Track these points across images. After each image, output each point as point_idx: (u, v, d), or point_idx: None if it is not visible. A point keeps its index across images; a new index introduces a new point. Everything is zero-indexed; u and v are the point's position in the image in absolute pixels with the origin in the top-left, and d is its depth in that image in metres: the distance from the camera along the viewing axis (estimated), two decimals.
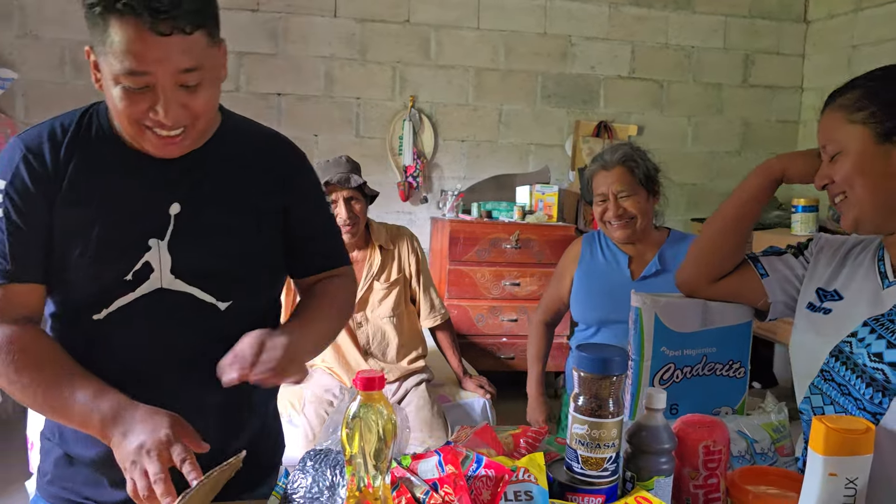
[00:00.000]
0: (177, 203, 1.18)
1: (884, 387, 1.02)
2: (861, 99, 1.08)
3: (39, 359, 1.11)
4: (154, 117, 1.07)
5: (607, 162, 2.13)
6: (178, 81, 1.06)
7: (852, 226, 1.12)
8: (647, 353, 1.24)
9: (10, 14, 3.80)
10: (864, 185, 1.08)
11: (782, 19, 4.84)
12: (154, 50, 1.01)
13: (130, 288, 1.15)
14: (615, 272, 2.17)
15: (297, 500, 1.00)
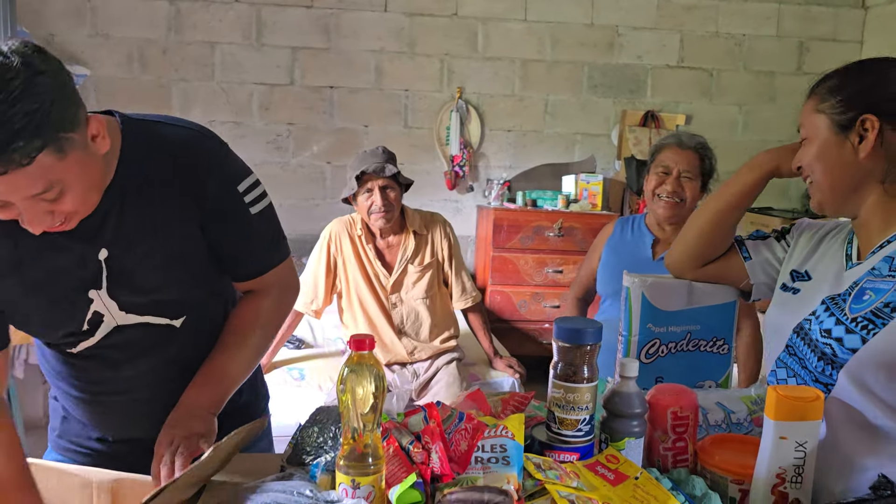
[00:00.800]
0: (104, 248, 1.18)
1: (832, 360, 1.09)
2: (830, 89, 1.15)
3: None
4: (23, 226, 1.06)
5: (683, 142, 2.21)
6: (35, 201, 1.02)
7: (817, 207, 1.20)
8: (634, 329, 1.33)
9: (83, 15, 4.08)
10: (822, 170, 1.15)
11: (839, 5, 4.75)
12: None
13: (90, 334, 1.23)
14: (639, 250, 2.26)
15: (306, 448, 1.14)
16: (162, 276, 1.23)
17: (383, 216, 2.54)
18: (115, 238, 1.18)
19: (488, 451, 1.05)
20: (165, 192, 1.20)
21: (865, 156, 1.12)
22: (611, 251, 2.34)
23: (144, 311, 1.24)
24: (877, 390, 1.06)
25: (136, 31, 4.12)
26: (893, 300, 1.05)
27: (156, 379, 1.31)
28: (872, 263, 1.13)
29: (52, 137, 0.98)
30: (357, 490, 0.97)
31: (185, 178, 1.21)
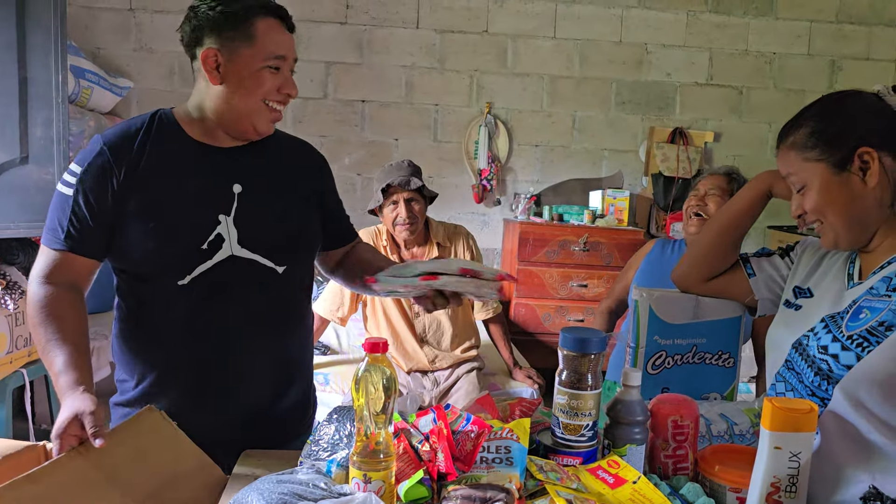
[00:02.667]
0: (238, 184, 1.44)
1: (828, 376, 1.13)
2: (810, 137, 1.18)
3: (56, 319, 1.33)
4: (284, 90, 1.40)
5: (716, 170, 2.34)
6: (293, 67, 1.44)
7: (833, 245, 1.21)
8: (641, 341, 1.38)
9: (128, 30, 4.25)
10: (834, 213, 1.17)
11: (873, 24, 4.73)
12: (287, 41, 1.41)
13: (208, 256, 1.40)
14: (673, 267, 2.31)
15: (321, 445, 1.21)
16: (278, 219, 1.47)
17: (408, 228, 2.61)
18: (248, 179, 1.44)
19: (493, 451, 1.11)
20: (291, 162, 1.54)
21: (875, 184, 1.15)
22: (648, 267, 2.41)
23: (256, 249, 1.44)
24: (870, 406, 1.09)
25: (177, 45, 4.18)
26: (888, 319, 1.09)
27: (248, 322, 1.45)
28: (871, 283, 1.16)
29: None
30: (368, 484, 1.03)
31: (307, 159, 1.59)
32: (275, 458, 1.31)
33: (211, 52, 1.37)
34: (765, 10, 4.62)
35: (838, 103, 1.20)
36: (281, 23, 1.40)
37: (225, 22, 1.36)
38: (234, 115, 1.41)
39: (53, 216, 1.38)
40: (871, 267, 1.19)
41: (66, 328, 1.33)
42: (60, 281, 1.37)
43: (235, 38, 1.36)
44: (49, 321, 1.33)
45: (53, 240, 1.37)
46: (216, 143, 1.45)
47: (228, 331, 1.44)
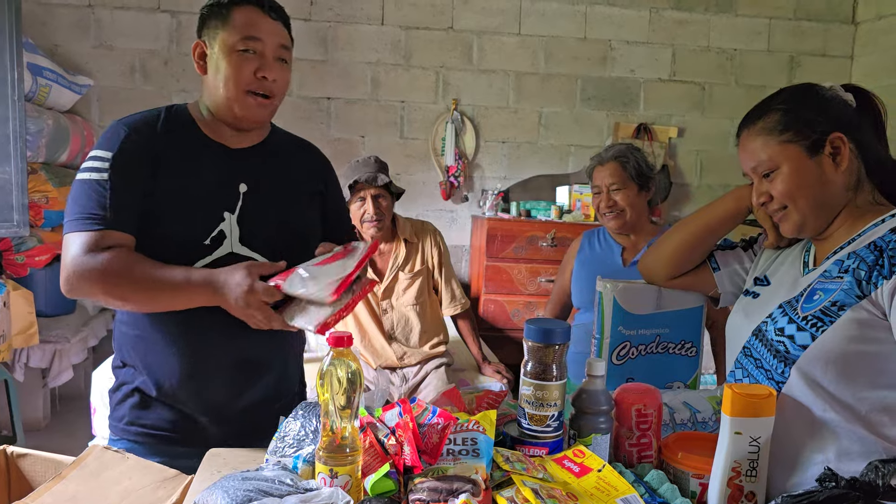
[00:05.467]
0: (244, 183, 1.48)
1: (785, 357, 1.15)
2: (783, 120, 1.20)
3: (140, 260, 1.36)
4: (260, 74, 1.42)
5: (602, 158, 2.36)
6: (277, 54, 1.45)
7: (794, 231, 1.23)
8: (606, 332, 1.39)
9: (87, 27, 4.17)
10: (805, 196, 1.19)
11: (829, 21, 4.84)
12: (266, 25, 1.43)
13: (209, 251, 1.43)
14: (609, 260, 2.36)
15: (287, 441, 1.20)
16: (280, 218, 1.51)
17: (375, 224, 2.61)
18: (254, 179, 1.49)
19: (460, 443, 1.11)
20: (295, 163, 1.59)
21: (844, 168, 1.18)
22: (582, 264, 2.44)
23: (256, 247, 1.47)
24: (825, 384, 1.12)
25: (138, 42, 4.21)
26: (840, 299, 1.12)
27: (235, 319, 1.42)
28: (825, 267, 1.19)
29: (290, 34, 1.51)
30: (335, 479, 1.03)
31: (311, 159, 1.65)
32: (241, 456, 1.30)
33: (198, 43, 1.46)
34: (725, 7, 4.70)
35: (808, 91, 1.23)
36: (260, 9, 1.43)
37: (210, 14, 1.45)
38: (220, 103, 1.46)
39: (86, 203, 1.38)
40: (825, 253, 1.22)
41: (155, 264, 1.36)
42: (108, 247, 1.37)
43: (216, 26, 1.43)
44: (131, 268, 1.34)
45: (91, 223, 1.37)
46: (226, 143, 1.50)
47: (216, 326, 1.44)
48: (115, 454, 1.23)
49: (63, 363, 3.51)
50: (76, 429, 3.36)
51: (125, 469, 1.20)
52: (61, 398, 3.82)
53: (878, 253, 1.11)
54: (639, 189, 2.31)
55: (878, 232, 1.15)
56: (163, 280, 1.34)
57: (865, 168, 1.21)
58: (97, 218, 1.36)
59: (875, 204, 1.21)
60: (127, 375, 1.51)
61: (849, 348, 1.10)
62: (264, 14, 1.44)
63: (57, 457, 1.39)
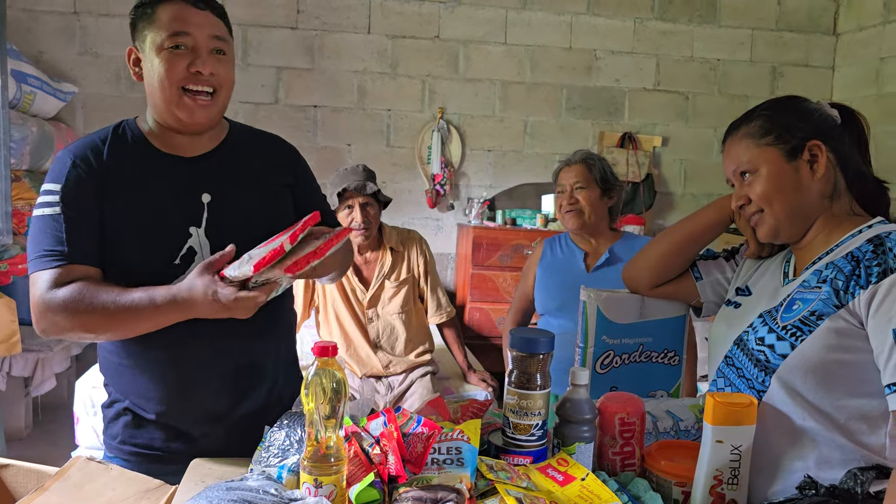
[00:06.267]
0: (207, 193, 1.41)
1: (766, 367, 1.17)
2: (765, 125, 1.23)
3: (103, 289, 1.30)
4: (193, 69, 1.34)
5: (570, 159, 2.43)
6: (211, 46, 1.36)
7: (770, 236, 1.25)
8: (590, 341, 1.40)
9: (72, 34, 4.15)
10: (781, 200, 1.22)
11: (811, 32, 4.90)
12: (194, 17, 1.35)
13: (181, 270, 1.36)
14: (572, 265, 2.39)
15: (272, 451, 1.20)
16: (251, 222, 1.43)
17: (363, 233, 2.61)
18: (216, 186, 1.42)
19: (444, 453, 1.12)
20: (259, 159, 1.51)
21: (821, 176, 1.20)
22: (545, 271, 2.46)
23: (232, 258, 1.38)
24: (805, 393, 1.14)
25: (123, 49, 4.14)
26: (819, 308, 1.14)
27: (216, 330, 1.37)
28: (804, 277, 1.21)
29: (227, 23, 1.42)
30: (320, 489, 1.03)
31: (276, 152, 1.56)
32: (225, 466, 1.30)
33: (131, 50, 1.41)
34: (709, 17, 4.75)
35: (792, 101, 1.27)
36: (185, 3, 1.36)
37: (137, 16, 1.39)
38: (162, 109, 1.39)
39: (43, 240, 1.33)
40: (804, 263, 1.24)
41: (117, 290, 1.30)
42: (71, 281, 1.32)
43: (144, 27, 1.37)
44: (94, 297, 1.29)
45: (51, 259, 1.32)
46: (181, 153, 1.43)
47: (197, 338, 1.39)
48: (99, 465, 1.22)
49: (46, 372, 3.48)
50: (59, 438, 3.32)
51: (108, 480, 1.20)
52: (44, 407, 3.79)
53: (854, 263, 1.13)
54: (601, 193, 2.35)
55: (854, 242, 1.17)
56: (127, 306, 1.27)
57: (845, 180, 1.23)
58: (56, 254, 1.32)
59: (853, 215, 1.23)
60: (117, 395, 1.48)
61: (827, 357, 1.12)
62: (190, 6, 1.35)
63: (39, 467, 1.38)
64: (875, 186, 1.26)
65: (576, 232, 2.42)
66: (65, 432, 3.11)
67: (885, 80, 4.53)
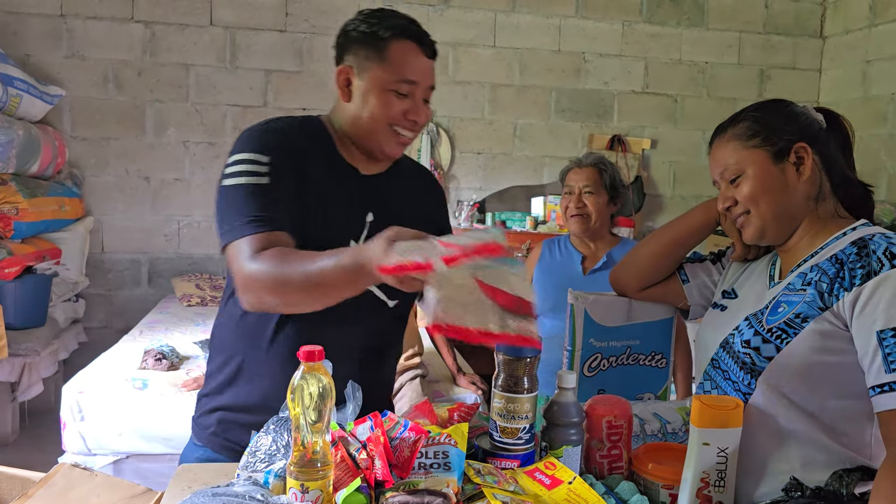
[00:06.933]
0: (371, 212, 1.42)
1: (752, 369, 1.17)
2: (752, 127, 1.24)
3: (295, 255, 1.22)
4: (411, 117, 1.36)
5: (581, 161, 2.40)
6: (425, 96, 1.39)
7: (756, 237, 1.26)
8: (578, 344, 1.41)
9: (59, 37, 4.13)
10: (767, 201, 1.22)
11: (798, 35, 4.94)
12: (423, 66, 1.36)
13: None
14: (569, 268, 2.40)
15: (259, 456, 1.19)
16: None
17: None
18: (379, 208, 1.43)
19: (431, 457, 1.11)
20: (418, 194, 1.54)
21: (807, 178, 1.21)
22: (542, 272, 2.46)
23: None
24: (790, 395, 1.14)
25: (111, 52, 4.17)
26: (804, 311, 1.14)
27: (351, 356, 1.36)
28: (789, 280, 1.22)
29: None
30: (306, 494, 1.02)
31: (430, 191, 1.61)
32: (212, 472, 1.29)
33: (345, 69, 1.38)
34: (696, 20, 4.78)
35: (778, 104, 1.28)
36: (419, 47, 1.36)
37: (363, 41, 1.36)
38: (361, 134, 1.39)
39: (245, 208, 1.27)
40: (789, 266, 1.25)
41: (310, 253, 1.22)
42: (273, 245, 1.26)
43: (370, 57, 1.35)
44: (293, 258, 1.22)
45: (256, 226, 1.25)
46: (359, 167, 1.44)
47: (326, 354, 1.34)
48: (83, 472, 1.21)
49: (33, 377, 3.46)
50: (46, 443, 3.30)
51: (93, 487, 1.19)
52: (31, 412, 3.76)
53: (839, 266, 1.14)
54: (609, 199, 2.35)
55: (839, 245, 1.18)
56: (318, 270, 1.18)
57: (830, 183, 1.24)
58: (262, 220, 1.26)
59: (837, 217, 1.24)
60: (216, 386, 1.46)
61: (812, 359, 1.13)
62: (422, 52, 1.36)
63: (24, 473, 1.37)
64: (860, 190, 1.27)
65: (578, 235, 2.42)
66: (52, 437, 3.08)
67: (871, 82, 4.57)
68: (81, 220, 4.16)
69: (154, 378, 2.74)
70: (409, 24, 1.37)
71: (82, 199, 4.19)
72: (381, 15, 1.38)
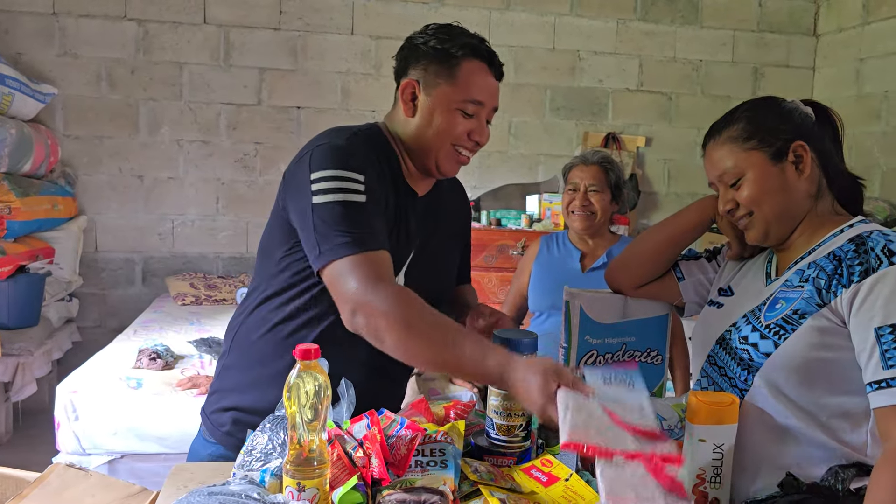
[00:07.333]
0: (419, 237, 1.43)
1: (749, 365, 1.18)
2: (747, 129, 1.23)
3: (429, 314, 1.20)
4: (474, 137, 1.37)
5: (587, 158, 2.40)
6: (489, 117, 1.40)
7: (760, 239, 1.25)
8: (573, 342, 1.40)
9: (51, 35, 4.11)
10: (769, 203, 1.22)
11: (792, 33, 4.95)
12: (491, 87, 1.38)
13: None
14: (567, 265, 2.39)
15: (255, 455, 1.19)
16: (441, 270, 1.50)
17: None
18: (427, 232, 1.44)
19: (428, 455, 1.11)
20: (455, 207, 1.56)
21: (806, 176, 1.21)
22: (540, 268, 2.45)
23: None
24: (787, 391, 1.14)
25: (104, 51, 4.15)
26: (801, 307, 1.14)
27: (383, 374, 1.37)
28: (786, 277, 1.22)
29: None
30: (303, 492, 1.02)
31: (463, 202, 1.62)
32: (208, 471, 1.29)
33: (411, 83, 1.37)
34: (691, 18, 4.79)
35: (770, 102, 1.27)
36: (489, 68, 1.36)
37: (433, 56, 1.35)
38: (421, 150, 1.38)
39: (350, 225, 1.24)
40: (786, 263, 1.25)
41: (444, 319, 1.21)
42: (391, 281, 1.24)
43: (439, 73, 1.34)
44: (427, 316, 1.20)
45: (372, 242, 1.24)
46: (416, 188, 1.43)
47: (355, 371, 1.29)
48: (78, 472, 1.21)
49: (26, 377, 3.44)
50: (40, 444, 3.28)
51: (88, 486, 1.18)
52: (24, 412, 3.75)
53: (836, 262, 1.14)
54: (611, 198, 2.35)
55: (836, 242, 1.18)
56: (456, 350, 1.16)
57: (827, 178, 1.24)
58: (368, 238, 1.23)
59: (835, 214, 1.24)
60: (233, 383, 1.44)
61: (810, 355, 1.13)
62: (491, 73, 1.37)
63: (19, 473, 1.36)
64: (851, 183, 1.27)
65: (580, 233, 2.41)
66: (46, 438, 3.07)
67: (864, 80, 4.58)
68: (75, 219, 4.14)
69: (148, 377, 2.73)
70: (481, 44, 1.37)
71: (75, 198, 4.17)
72: (451, 32, 1.38)
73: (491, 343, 1.19)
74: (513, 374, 1.10)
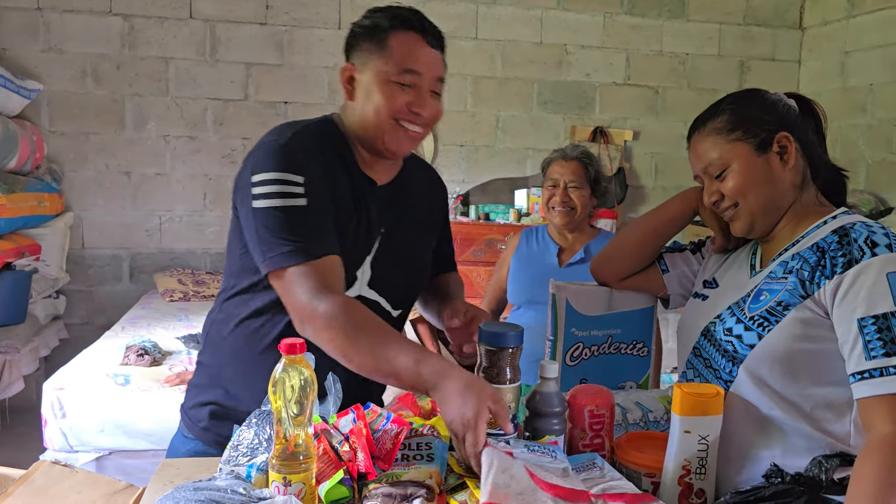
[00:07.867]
0: (384, 227, 1.39)
1: (733, 357, 1.18)
2: (731, 120, 1.24)
3: (370, 324, 1.21)
4: (415, 109, 1.31)
5: (566, 154, 2.39)
6: (432, 87, 1.34)
7: (746, 230, 1.26)
8: (559, 334, 1.41)
9: (36, 30, 4.07)
10: (755, 193, 1.22)
11: (777, 26, 4.97)
12: (426, 56, 1.32)
13: None
14: (545, 259, 2.41)
15: (241, 450, 1.19)
16: (410, 260, 1.45)
17: None
18: (393, 220, 1.41)
19: (414, 448, 1.11)
20: (425, 193, 1.52)
21: (791, 166, 1.21)
22: (519, 262, 2.47)
23: (382, 292, 1.39)
24: (771, 383, 1.15)
25: (89, 46, 4.12)
26: (785, 299, 1.15)
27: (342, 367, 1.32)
28: (771, 269, 1.22)
29: None
30: (289, 487, 1.02)
31: (434, 187, 1.58)
32: (194, 466, 1.29)
33: (348, 67, 1.35)
34: (677, 12, 4.80)
35: (753, 94, 1.28)
36: (422, 37, 1.32)
37: (364, 35, 1.33)
38: (366, 132, 1.34)
39: (287, 231, 1.23)
40: (770, 255, 1.26)
41: (385, 327, 1.22)
42: (338, 289, 1.24)
43: (371, 50, 1.31)
44: (368, 326, 1.21)
45: (318, 248, 1.23)
46: (375, 178, 1.39)
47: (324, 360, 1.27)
48: (63, 469, 1.20)
49: (13, 374, 3.42)
50: (27, 441, 3.27)
51: (73, 483, 1.18)
52: (11, 410, 3.73)
53: (820, 254, 1.15)
54: (591, 193, 2.36)
55: (820, 234, 1.19)
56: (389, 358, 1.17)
57: (810, 169, 1.25)
58: (313, 245, 1.23)
59: (819, 205, 1.25)
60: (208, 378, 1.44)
61: (794, 347, 1.14)
62: (425, 43, 1.32)
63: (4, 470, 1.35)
64: (835, 174, 1.28)
65: (559, 228, 2.42)
66: (33, 435, 3.06)
67: (849, 73, 4.61)
68: (61, 216, 4.11)
69: (136, 374, 2.72)
70: (411, 15, 1.33)
71: (62, 195, 4.14)
72: (383, 9, 1.35)
73: (430, 352, 1.20)
74: (450, 383, 1.11)
